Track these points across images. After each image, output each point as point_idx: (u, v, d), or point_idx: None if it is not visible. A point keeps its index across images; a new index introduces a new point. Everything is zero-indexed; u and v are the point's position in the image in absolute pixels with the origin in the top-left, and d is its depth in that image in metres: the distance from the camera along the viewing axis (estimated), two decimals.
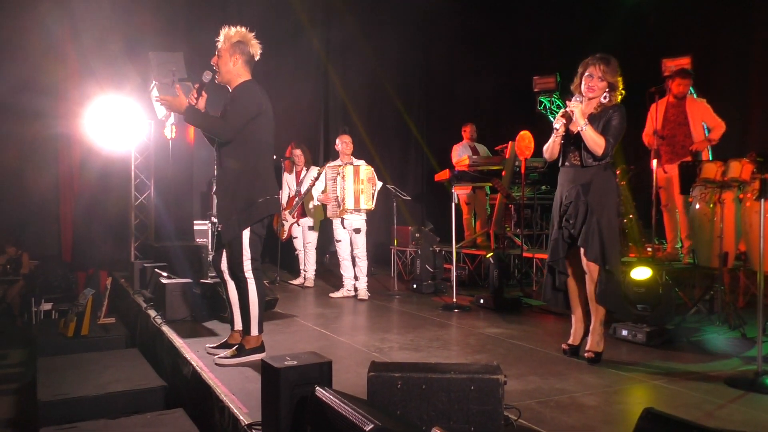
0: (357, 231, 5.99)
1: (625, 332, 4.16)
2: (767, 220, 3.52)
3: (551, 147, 3.73)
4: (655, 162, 5.67)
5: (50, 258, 7.96)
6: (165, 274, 5.38)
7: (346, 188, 5.88)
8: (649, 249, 5.81)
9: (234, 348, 3.58)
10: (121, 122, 7.31)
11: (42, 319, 7.03)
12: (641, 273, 4.53)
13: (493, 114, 9.05)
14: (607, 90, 3.57)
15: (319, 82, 9.29)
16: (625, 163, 6.13)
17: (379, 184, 6.07)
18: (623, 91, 3.62)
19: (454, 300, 5.49)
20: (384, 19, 9.11)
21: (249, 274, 3.49)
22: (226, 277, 3.70)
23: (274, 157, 6.25)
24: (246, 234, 3.49)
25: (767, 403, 2.93)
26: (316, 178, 6.39)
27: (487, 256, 6.06)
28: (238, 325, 3.67)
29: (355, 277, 6.12)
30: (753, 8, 6.75)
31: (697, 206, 5.03)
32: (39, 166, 7.79)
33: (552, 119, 3.81)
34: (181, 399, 3.65)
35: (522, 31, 9.41)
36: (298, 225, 6.90)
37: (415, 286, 6.53)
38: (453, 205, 5.74)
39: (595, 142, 3.49)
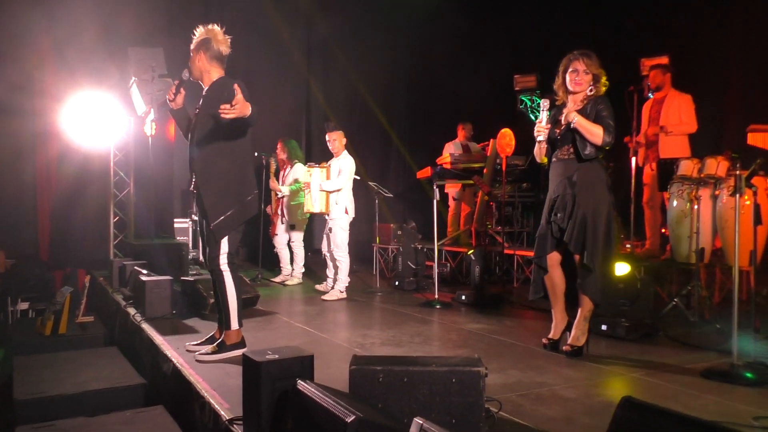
0: (329, 230, 5.93)
1: (604, 327, 4.21)
2: (742, 216, 3.58)
3: (539, 152, 3.81)
4: (633, 159, 5.74)
5: (27, 257, 7.82)
6: (145, 271, 5.32)
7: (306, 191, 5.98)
8: (628, 245, 5.88)
9: (215, 344, 3.56)
10: (100, 119, 7.20)
11: (18, 318, 6.91)
12: (620, 269, 4.59)
13: (475, 112, 9.07)
14: (591, 82, 3.62)
15: (301, 80, 9.28)
16: (605, 161, 6.19)
17: (328, 184, 5.80)
18: (607, 83, 3.67)
19: (436, 296, 5.51)
20: (367, 18, 9.11)
21: (225, 267, 3.51)
22: None
23: (255, 154, 6.27)
24: None
25: (742, 394, 2.99)
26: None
27: (468, 253, 6.09)
28: None
29: (333, 278, 6.03)
30: (730, 8, 6.86)
31: (675, 203, 5.10)
32: (15, 164, 7.65)
33: (533, 118, 3.86)
34: (161, 396, 3.62)
35: (503, 30, 9.46)
36: (282, 223, 6.88)
37: (397, 283, 6.54)
38: (435, 202, 5.76)
39: (592, 132, 3.53)
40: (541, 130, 3.67)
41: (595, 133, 3.52)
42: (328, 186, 5.83)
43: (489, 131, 7.24)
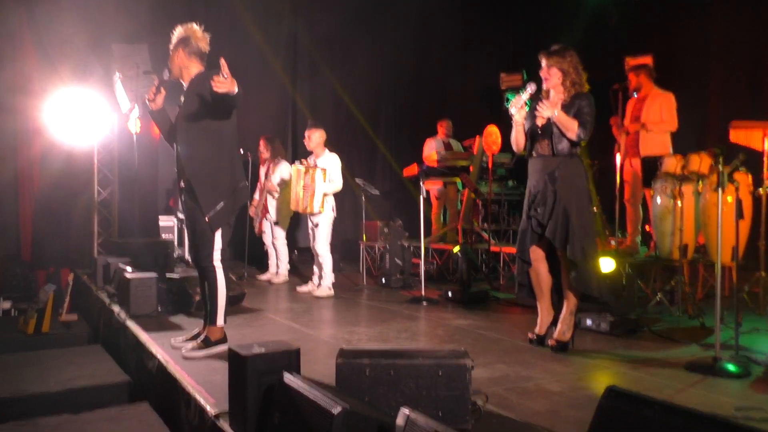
0: (315, 225, 5.91)
1: (589, 322, 4.24)
2: (724, 212, 3.63)
3: (515, 137, 3.82)
4: (618, 156, 5.79)
5: (9, 256, 7.72)
6: (129, 269, 5.27)
7: (292, 189, 5.89)
8: (613, 242, 5.93)
9: (200, 340, 3.54)
10: (84, 116, 7.13)
11: (0, 317, 6.82)
12: (606, 265, 4.64)
13: (461, 110, 9.11)
14: (562, 77, 3.65)
15: (286, 78, 9.24)
16: (590, 158, 6.25)
17: (331, 185, 5.79)
18: (585, 77, 3.70)
19: (423, 293, 5.52)
20: (353, 17, 9.10)
21: (217, 263, 3.50)
22: None
23: (241, 151, 6.23)
24: None
25: (724, 387, 3.02)
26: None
27: (455, 251, 6.10)
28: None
29: (319, 275, 6.03)
30: (712, 7, 6.95)
31: (659, 200, 5.15)
32: None
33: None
34: (146, 393, 3.59)
35: (489, 29, 9.51)
36: (267, 220, 6.86)
37: (383, 280, 6.54)
38: (421, 199, 5.77)
39: (567, 126, 3.57)
40: (515, 104, 3.70)
41: (570, 128, 3.57)
42: (330, 188, 5.80)
43: (475, 129, 7.27)
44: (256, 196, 6.92)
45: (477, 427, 2.42)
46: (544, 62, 3.70)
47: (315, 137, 5.95)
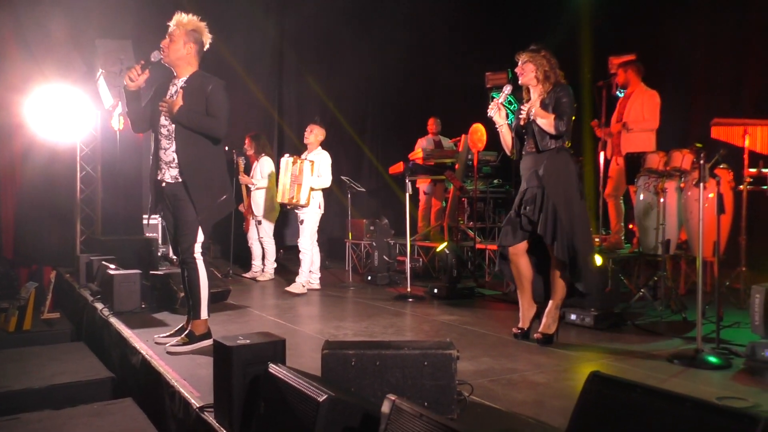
0: (301, 222, 5.92)
1: (573, 317, 4.28)
2: (706, 207, 3.67)
3: (502, 139, 3.89)
4: (602, 154, 5.84)
5: None
6: (113, 266, 5.22)
7: (280, 181, 5.89)
8: (597, 239, 5.97)
9: (184, 335, 3.52)
10: (66, 112, 7.05)
11: None
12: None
13: (447, 108, 9.13)
14: (535, 69, 3.68)
15: (273, 72, 9.21)
16: (575, 154, 6.29)
17: (319, 180, 5.85)
18: (561, 71, 3.74)
19: (409, 290, 5.53)
20: (342, 14, 9.09)
21: (198, 255, 3.51)
22: None
23: (226, 148, 6.21)
24: None
25: (706, 377, 3.07)
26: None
27: (438, 249, 6.11)
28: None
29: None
30: (695, 8, 7.04)
31: (642, 196, 5.20)
32: None
33: (511, 114, 3.95)
34: (129, 389, 3.56)
35: (475, 27, 9.54)
36: (252, 218, 6.84)
37: (369, 277, 6.54)
38: (407, 197, 5.77)
39: (545, 122, 3.62)
40: (493, 106, 3.77)
41: (547, 122, 3.62)
42: (318, 183, 5.83)
43: (461, 127, 7.29)
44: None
45: (462, 416, 2.43)
46: (520, 58, 3.77)
47: (316, 132, 6.02)
